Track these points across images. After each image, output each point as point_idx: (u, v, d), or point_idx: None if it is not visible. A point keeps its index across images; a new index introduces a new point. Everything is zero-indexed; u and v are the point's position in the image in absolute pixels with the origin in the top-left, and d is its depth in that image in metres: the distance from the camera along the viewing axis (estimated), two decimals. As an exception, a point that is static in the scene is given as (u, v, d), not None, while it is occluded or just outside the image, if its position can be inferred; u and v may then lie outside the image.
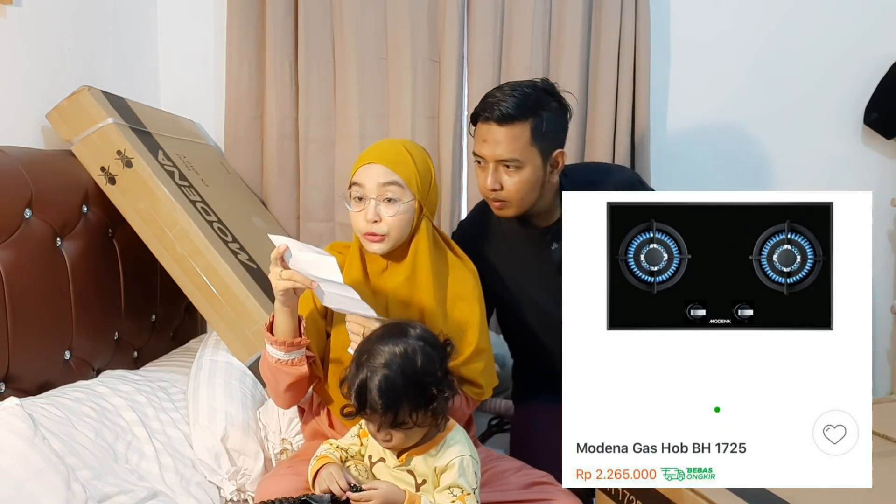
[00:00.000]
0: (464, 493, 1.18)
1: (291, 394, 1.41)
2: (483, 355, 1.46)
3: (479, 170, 1.58)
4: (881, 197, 2.36)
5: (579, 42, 2.19)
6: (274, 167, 2.24)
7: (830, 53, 2.34)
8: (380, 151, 1.41)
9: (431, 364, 1.17)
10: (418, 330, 1.22)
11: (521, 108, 1.51)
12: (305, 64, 2.20)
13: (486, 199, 1.61)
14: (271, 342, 1.34)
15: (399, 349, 1.17)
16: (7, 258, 1.40)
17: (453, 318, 1.45)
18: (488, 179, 1.55)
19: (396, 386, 1.14)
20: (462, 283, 1.47)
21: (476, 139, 1.58)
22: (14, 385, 1.42)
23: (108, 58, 1.99)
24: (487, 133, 1.53)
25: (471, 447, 1.24)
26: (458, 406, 1.40)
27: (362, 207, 1.38)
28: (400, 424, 1.16)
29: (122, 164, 1.66)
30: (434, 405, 1.16)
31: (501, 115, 1.51)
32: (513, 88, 1.55)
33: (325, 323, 1.47)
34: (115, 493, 1.25)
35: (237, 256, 1.76)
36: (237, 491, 1.50)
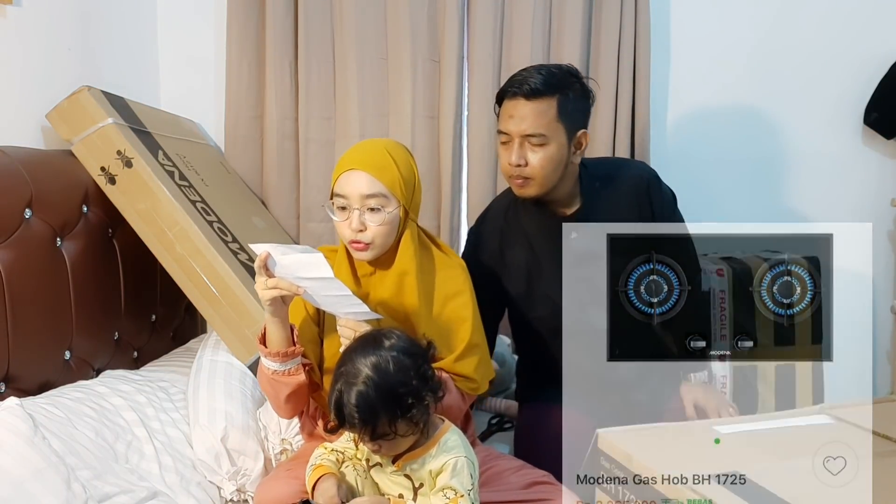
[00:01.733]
0: (457, 495, 1.17)
1: (292, 404, 1.41)
2: (476, 350, 1.46)
3: (503, 148, 1.59)
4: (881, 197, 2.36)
5: (579, 42, 2.19)
6: (274, 167, 2.24)
7: (830, 53, 2.34)
8: (361, 157, 1.38)
9: (405, 373, 1.16)
10: (393, 339, 1.20)
11: (547, 84, 1.53)
12: (305, 64, 2.20)
13: (509, 178, 1.60)
14: (265, 354, 1.33)
15: (371, 361, 1.16)
16: (7, 258, 1.40)
17: (445, 315, 1.44)
18: (513, 156, 1.55)
19: (370, 399, 1.14)
20: (451, 280, 1.47)
21: (502, 116, 1.58)
22: (14, 385, 1.42)
23: (108, 58, 1.99)
24: (514, 108, 1.54)
25: (466, 448, 1.23)
26: (452, 403, 1.39)
27: (346, 217, 1.37)
28: (381, 436, 1.16)
29: (122, 164, 1.66)
30: (412, 413, 1.16)
31: (530, 90, 1.52)
32: (539, 68, 1.58)
33: (319, 330, 1.46)
34: (115, 493, 1.25)
35: (237, 256, 1.76)
36: (237, 491, 1.50)
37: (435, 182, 2.25)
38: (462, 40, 2.20)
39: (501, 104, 1.59)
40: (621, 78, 2.21)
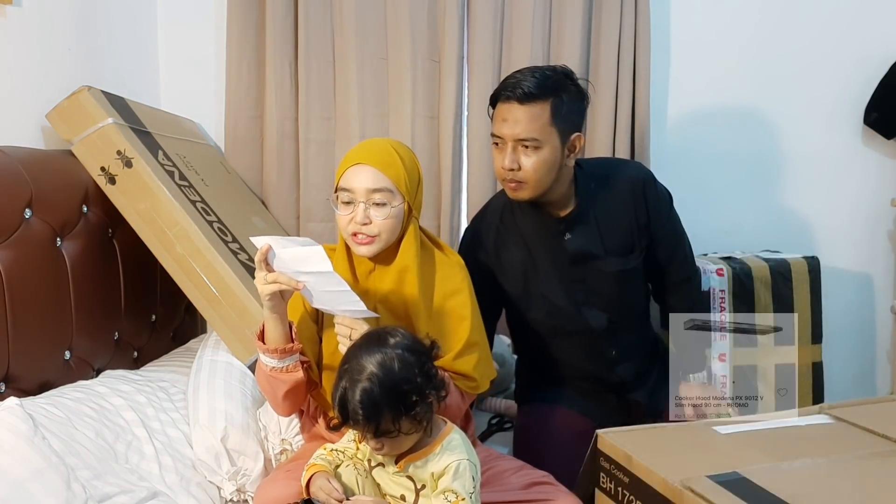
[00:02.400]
0: (458, 498, 1.17)
1: (290, 401, 1.41)
2: (476, 348, 1.46)
3: (497, 151, 1.59)
4: (881, 197, 2.36)
5: (579, 42, 2.19)
6: (274, 167, 2.23)
7: (830, 53, 2.34)
8: (368, 152, 1.40)
9: (410, 371, 1.16)
10: (398, 337, 1.20)
11: (541, 87, 1.52)
12: (305, 64, 2.20)
13: (502, 181, 1.61)
14: (263, 350, 1.34)
15: (376, 359, 1.16)
16: (7, 258, 1.40)
17: (444, 314, 1.45)
18: (506, 160, 1.55)
19: (374, 396, 1.14)
20: (450, 278, 1.47)
21: (495, 119, 1.58)
22: (14, 385, 1.42)
23: (108, 58, 1.99)
24: (508, 112, 1.54)
25: (469, 451, 1.23)
26: (451, 402, 1.39)
27: (351, 211, 1.37)
28: (385, 433, 1.16)
29: (122, 164, 1.66)
30: (415, 411, 1.16)
31: (523, 94, 1.52)
32: (533, 71, 1.57)
33: (317, 328, 1.46)
34: (115, 493, 1.25)
35: (237, 256, 1.76)
36: (237, 491, 1.50)
37: (435, 182, 2.25)
38: (462, 40, 2.20)
39: (495, 106, 1.58)
40: (621, 78, 2.21)
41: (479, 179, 2.23)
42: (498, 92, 1.57)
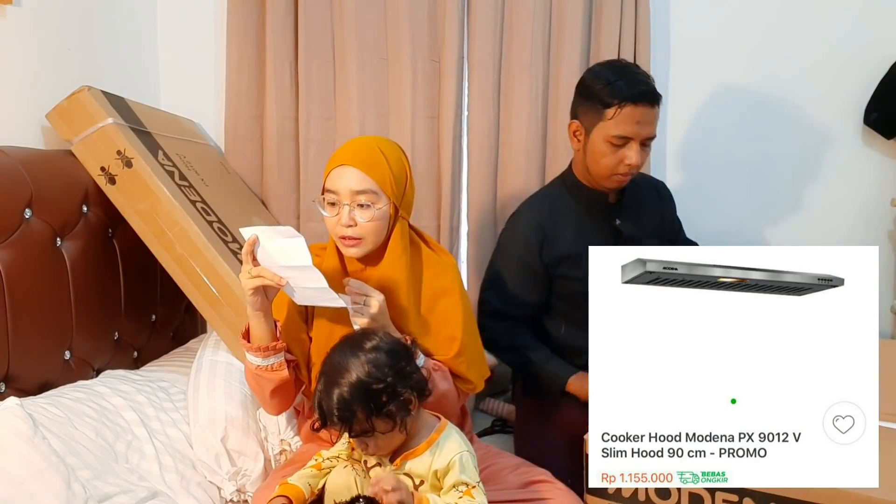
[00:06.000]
0: (469, 487, 1.19)
1: (278, 400, 1.41)
2: (468, 349, 1.46)
3: (616, 150, 1.66)
4: (881, 197, 2.35)
5: (579, 42, 2.19)
6: (274, 167, 2.24)
7: (830, 53, 2.34)
8: (352, 153, 1.38)
9: (380, 370, 1.17)
10: (375, 340, 1.21)
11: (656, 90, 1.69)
12: (305, 64, 2.20)
13: (622, 175, 1.69)
14: (248, 349, 1.34)
15: (349, 360, 1.18)
16: (7, 258, 1.40)
17: (434, 314, 1.44)
18: (635, 157, 1.66)
19: (345, 396, 1.15)
20: (440, 277, 1.46)
21: (625, 120, 1.64)
22: (14, 385, 1.42)
23: (108, 58, 1.99)
24: (642, 114, 1.64)
25: (466, 443, 1.24)
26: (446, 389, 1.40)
27: (336, 212, 1.37)
28: (362, 433, 1.17)
29: (122, 164, 1.66)
30: (388, 409, 1.16)
31: (655, 97, 1.66)
32: (643, 73, 1.70)
33: (306, 327, 1.45)
34: (115, 493, 1.25)
35: (237, 257, 1.76)
36: (237, 491, 1.50)
37: (435, 182, 2.25)
38: (462, 40, 2.20)
39: (619, 107, 1.63)
40: (621, 78, 2.21)
41: (479, 179, 2.23)
42: (632, 94, 1.63)
